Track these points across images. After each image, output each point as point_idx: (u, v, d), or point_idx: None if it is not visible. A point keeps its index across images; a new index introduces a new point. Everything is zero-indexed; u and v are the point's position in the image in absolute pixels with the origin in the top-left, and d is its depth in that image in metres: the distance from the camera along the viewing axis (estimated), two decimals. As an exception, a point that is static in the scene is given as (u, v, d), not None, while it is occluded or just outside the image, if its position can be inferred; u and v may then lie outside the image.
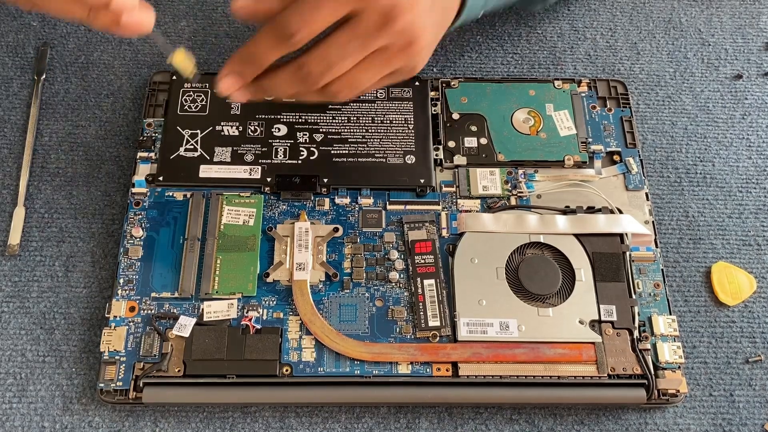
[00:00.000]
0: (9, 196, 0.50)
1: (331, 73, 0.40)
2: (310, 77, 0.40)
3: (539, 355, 0.44)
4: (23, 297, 0.47)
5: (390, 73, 0.42)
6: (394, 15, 0.38)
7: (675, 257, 0.50)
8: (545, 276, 0.46)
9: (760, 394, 0.46)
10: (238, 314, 0.45)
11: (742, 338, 0.48)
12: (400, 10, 0.38)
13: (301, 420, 0.44)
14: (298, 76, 0.40)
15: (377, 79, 0.42)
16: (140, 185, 0.49)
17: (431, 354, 0.44)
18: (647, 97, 0.56)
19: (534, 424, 0.44)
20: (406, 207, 0.49)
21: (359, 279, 0.46)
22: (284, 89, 0.41)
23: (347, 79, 0.41)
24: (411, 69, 0.43)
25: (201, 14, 0.59)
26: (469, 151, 0.51)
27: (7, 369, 0.45)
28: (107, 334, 0.44)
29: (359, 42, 0.39)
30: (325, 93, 0.42)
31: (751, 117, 0.56)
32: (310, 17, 0.38)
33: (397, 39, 0.40)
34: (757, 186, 0.53)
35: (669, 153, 0.54)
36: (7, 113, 0.54)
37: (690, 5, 0.61)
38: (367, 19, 0.38)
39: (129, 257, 0.47)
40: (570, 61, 0.58)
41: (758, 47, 0.59)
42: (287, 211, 0.49)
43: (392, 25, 0.39)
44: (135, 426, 0.44)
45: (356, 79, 0.41)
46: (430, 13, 0.41)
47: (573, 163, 0.51)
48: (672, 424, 0.45)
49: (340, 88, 0.41)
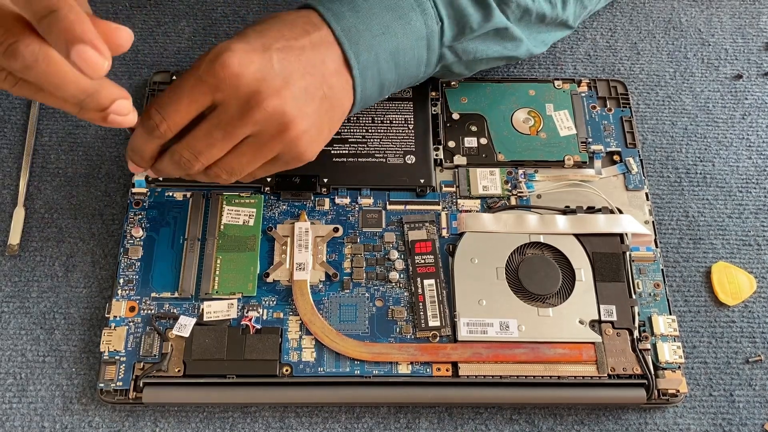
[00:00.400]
0: (9, 196, 0.50)
1: (201, 161, 0.39)
2: (183, 164, 0.40)
3: (539, 355, 0.44)
4: (23, 297, 0.47)
5: (273, 159, 0.41)
6: (256, 102, 0.38)
7: (675, 257, 0.50)
8: (545, 276, 0.46)
9: (760, 394, 0.46)
10: (238, 314, 0.45)
11: (742, 338, 0.48)
12: (262, 97, 0.38)
13: (301, 420, 0.44)
14: (174, 162, 0.40)
15: (256, 166, 0.41)
16: (140, 185, 0.49)
17: (431, 354, 0.44)
18: (647, 97, 0.56)
19: (534, 424, 0.44)
20: (406, 207, 0.49)
21: (359, 279, 0.46)
22: (170, 172, 0.41)
23: (223, 165, 0.40)
24: (296, 156, 0.41)
25: (201, 14, 0.59)
26: (469, 151, 0.51)
27: (7, 369, 0.45)
28: (107, 334, 0.44)
29: (222, 131, 0.38)
30: (208, 175, 0.41)
31: (751, 117, 0.56)
32: (170, 111, 0.38)
33: (264, 126, 0.39)
34: (757, 186, 0.53)
35: (669, 153, 0.54)
36: (7, 113, 0.54)
37: (690, 5, 0.61)
38: (228, 108, 0.38)
39: (129, 257, 0.47)
40: (570, 61, 0.58)
41: (758, 47, 0.59)
42: (287, 211, 0.49)
43: (255, 113, 0.38)
44: (135, 426, 0.44)
45: (232, 165, 0.40)
46: (306, 100, 0.40)
47: (573, 163, 0.51)
48: (672, 424, 0.45)
49: (218, 172, 0.41)
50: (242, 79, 0.37)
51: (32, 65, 0.31)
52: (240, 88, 0.37)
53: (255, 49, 0.38)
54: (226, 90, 0.37)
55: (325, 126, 0.42)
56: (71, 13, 0.29)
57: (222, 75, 0.37)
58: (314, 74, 0.40)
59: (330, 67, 0.41)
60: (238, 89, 0.37)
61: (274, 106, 0.38)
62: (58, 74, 0.32)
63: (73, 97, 0.33)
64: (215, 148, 0.39)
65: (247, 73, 0.37)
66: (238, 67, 0.37)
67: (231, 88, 0.37)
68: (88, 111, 0.34)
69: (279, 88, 0.38)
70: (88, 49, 0.29)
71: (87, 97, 0.33)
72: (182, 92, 0.38)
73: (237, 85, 0.37)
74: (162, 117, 0.38)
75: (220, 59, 0.37)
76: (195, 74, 0.38)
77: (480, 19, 0.45)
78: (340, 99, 0.42)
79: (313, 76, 0.40)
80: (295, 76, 0.39)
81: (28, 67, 0.31)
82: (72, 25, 0.29)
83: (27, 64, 0.31)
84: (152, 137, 0.39)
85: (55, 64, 0.31)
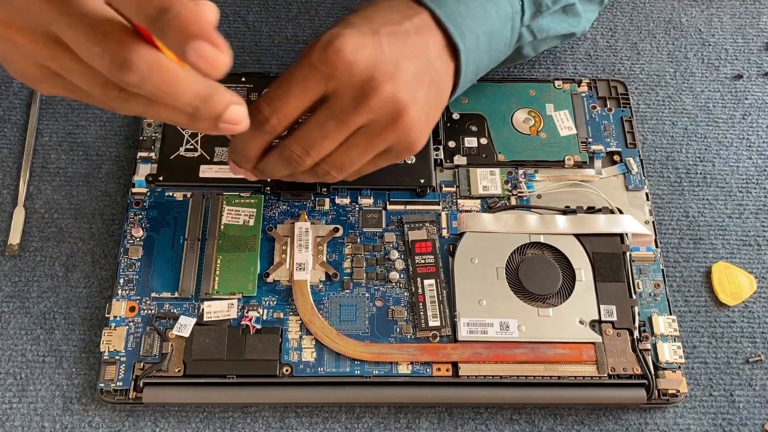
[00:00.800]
0: (9, 196, 0.50)
1: (312, 156, 0.38)
2: (293, 160, 0.38)
3: (539, 355, 0.44)
4: (23, 297, 0.47)
5: (383, 151, 0.40)
6: (371, 88, 0.36)
7: (675, 257, 0.50)
8: (545, 276, 0.46)
9: (760, 394, 0.46)
10: (238, 314, 0.45)
11: (742, 338, 0.48)
12: (377, 83, 0.36)
13: (301, 420, 0.44)
14: (283, 159, 0.39)
15: (367, 159, 0.40)
16: (140, 185, 0.49)
17: (431, 354, 0.44)
18: (647, 97, 0.56)
19: (534, 425, 0.44)
20: (406, 207, 0.49)
21: (359, 279, 0.46)
22: (276, 172, 0.40)
23: (333, 160, 0.39)
24: (407, 146, 0.40)
25: (201, 14, 0.59)
26: (469, 151, 0.51)
27: (7, 369, 0.45)
28: (107, 334, 0.44)
29: (336, 122, 0.37)
30: (316, 174, 0.40)
31: (751, 117, 0.56)
32: (280, 104, 0.37)
33: (379, 114, 0.37)
34: (757, 186, 0.53)
35: (669, 153, 0.54)
36: (7, 113, 0.54)
37: (690, 5, 0.61)
38: (342, 96, 0.37)
39: (129, 257, 0.47)
40: (570, 61, 0.58)
41: (758, 47, 0.59)
42: (287, 211, 0.49)
43: (370, 100, 0.37)
44: (135, 426, 0.44)
45: (342, 160, 0.39)
46: (416, 85, 0.38)
47: (573, 163, 0.51)
48: (672, 424, 0.45)
49: (327, 168, 0.40)
50: (356, 66, 0.36)
51: (147, 76, 0.29)
52: (354, 75, 0.36)
53: (365, 33, 0.37)
54: (340, 77, 0.36)
55: (433, 112, 0.41)
56: (184, 9, 0.27)
57: (335, 62, 0.36)
58: (421, 58, 0.39)
59: (434, 51, 0.40)
60: (352, 76, 0.36)
61: (388, 92, 0.37)
62: (173, 81, 0.30)
63: (188, 105, 0.31)
64: (328, 141, 0.38)
65: (360, 58, 0.36)
66: (352, 53, 0.36)
67: (345, 75, 0.36)
68: (201, 120, 0.32)
69: (391, 74, 0.37)
70: (205, 45, 0.27)
71: (201, 103, 0.31)
72: (293, 82, 0.36)
73: (351, 72, 0.36)
74: (272, 110, 0.37)
75: (333, 45, 0.36)
76: (306, 62, 0.36)
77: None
78: (445, 83, 0.42)
79: (420, 61, 0.39)
80: (404, 61, 0.38)
81: (143, 78, 0.29)
82: (187, 22, 0.27)
83: (143, 76, 0.29)
84: (260, 133, 0.38)
85: (169, 71, 0.29)
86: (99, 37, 0.29)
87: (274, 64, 0.57)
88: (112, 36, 0.29)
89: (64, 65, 0.31)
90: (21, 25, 0.30)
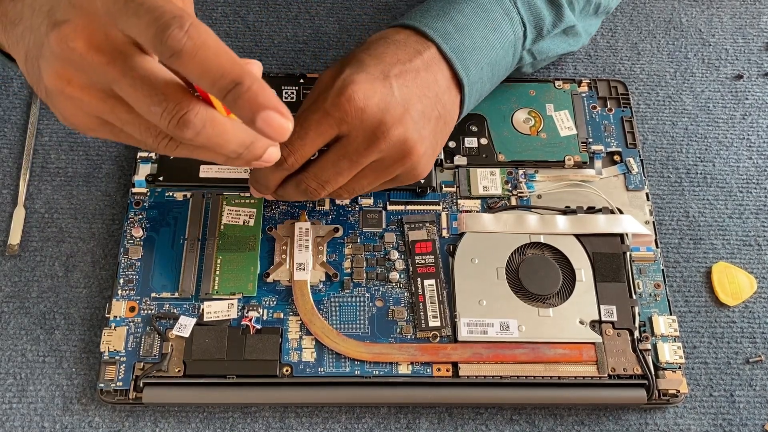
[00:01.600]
0: (9, 196, 0.50)
1: (327, 189, 0.41)
2: (309, 192, 0.42)
3: (539, 356, 0.44)
4: (23, 297, 0.47)
5: (392, 179, 0.43)
6: (382, 132, 0.39)
7: (675, 257, 0.50)
8: (545, 276, 0.46)
9: (761, 395, 0.46)
10: (238, 314, 0.45)
11: (742, 338, 0.48)
12: (386, 127, 0.39)
13: (301, 420, 0.44)
14: (300, 191, 0.42)
15: (376, 185, 0.43)
16: (140, 185, 0.49)
17: (431, 354, 0.44)
18: (648, 97, 0.56)
19: (534, 425, 0.44)
20: (406, 207, 0.49)
21: (359, 279, 0.46)
22: (294, 198, 0.44)
23: (345, 188, 0.42)
24: (414, 176, 0.43)
25: (201, 14, 0.59)
26: (470, 151, 0.51)
27: (7, 369, 0.45)
28: (107, 334, 0.44)
29: (348, 162, 0.40)
30: (332, 195, 0.43)
31: (751, 117, 0.56)
32: (297, 145, 0.39)
33: (389, 153, 0.40)
34: (757, 186, 0.53)
35: (669, 153, 0.54)
36: (7, 113, 0.54)
37: (690, 5, 0.61)
38: (354, 140, 0.39)
39: (129, 257, 0.47)
40: (570, 61, 0.58)
41: (759, 47, 0.59)
42: (287, 211, 0.49)
43: (381, 143, 0.39)
44: (135, 426, 0.44)
45: (353, 187, 0.42)
46: (423, 123, 0.41)
47: (573, 163, 0.51)
48: (672, 424, 0.45)
49: (340, 193, 0.43)
50: (367, 112, 0.39)
51: (201, 131, 0.31)
52: (365, 121, 0.39)
53: (376, 78, 0.40)
54: (352, 123, 0.39)
55: (439, 143, 0.44)
56: (254, 83, 0.29)
57: (348, 109, 0.38)
58: (429, 96, 0.42)
59: (442, 85, 0.43)
60: (363, 122, 0.39)
61: (397, 135, 0.40)
62: (222, 134, 0.32)
63: (233, 152, 0.33)
64: (341, 177, 0.41)
65: (371, 104, 0.39)
66: (363, 100, 0.39)
67: (357, 120, 0.39)
68: (240, 161, 0.34)
69: (401, 116, 0.40)
70: (274, 115, 0.29)
71: (245, 150, 0.33)
72: (309, 126, 0.39)
73: (362, 118, 0.39)
74: (290, 151, 0.39)
75: (346, 93, 0.38)
76: (321, 108, 0.39)
77: (553, 19, 0.47)
78: (451, 115, 0.44)
79: (428, 98, 0.42)
80: (413, 101, 0.41)
81: (198, 133, 0.31)
82: (256, 95, 0.29)
83: (197, 131, 0.31)
84: (279, 170, 0.41)
85: (220, 125, 0.32)
86: (159, 97, 0.30)
87: (274, 64, 0.57)
88: (172, 96, 0.30)
89: (120, 118, 0.33)
90: (82, 82, 0.32)
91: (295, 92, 0.53)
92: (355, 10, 0.60)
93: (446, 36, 0.43)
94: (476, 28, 0.44)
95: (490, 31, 0.44)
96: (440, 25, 0.43)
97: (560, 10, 0.47)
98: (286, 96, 0.53)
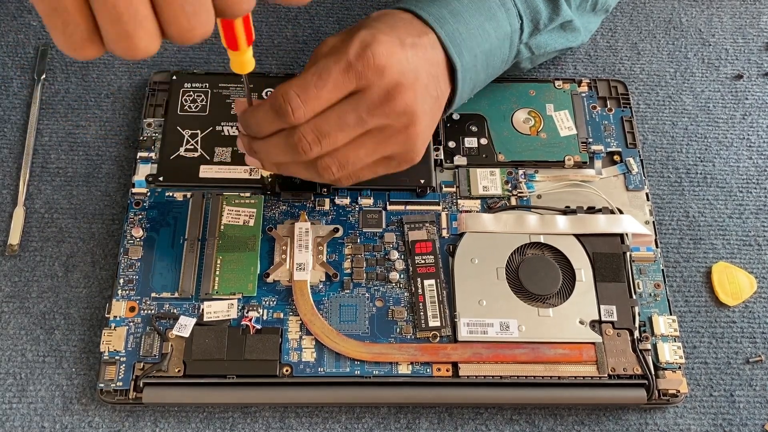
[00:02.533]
0: (9, 196, 0.50)
1: (322, 145, 0.39)
2: (300, 145, 0.38)
3: (539, 356, 0.44)
4: (23, 297, 0.47)
5: (384, 158, 0.41)
6: (397, 92, 0.38)
7: (675, 257, 0.50)
8: (545, 276, 0.46)
9: (761, 395, 0.46)
10: (238, 314, 0.45)
11: (742, 338, 0.48)
12: (402, 90, 0.38)
13: (301, 420, 0.44)
14: (289, 144, 0.39)
15: (370, 160, 0.41)
16: (140, 185, 0.49)
17: (431, 354, 0.44)
18: (647, 97, 0.56)
19: (534, 425, 0.44)
20: (406, 207, 0.49)
21: (359, 279, 0.46)
22: (273, 155, 0.40)
23: (338, 155, 0.40)
24: (407, 157, 0.42)
25: (201, 14, 0.59)
26: (470, 151, 0.51)
27: (7, 369, 0.45)
28: (107, 334, 0.44)
29: (356, 117, 0.38)
30: (315, 167, 0.40)
31: (751, 117, 0.56)
32: (315, 95, 0.37)
33: (395, 119, 0.39)
34: (757, 186, 0.53)
35: (669, 153, 0.54)
36: (7, 113, 0.54)
37: (690, 5, 0.61)
38: (369, 95, 0.38)
39: (129, 257, 0.47)
40: (570, 61, 0.58)
41: (759, 47, 0.59)
42: (287, 211, 0.49)
43: (393, 104, 0.38)
44: (135, 426, 0.44)
45: (347, 156, 0.40)
46: (427, 98, 0.41)
47: (573, 163, 0.51)
48: (672, 424, 0.45)
49: (329, 163, 0.40)
50: (388, 70, 0.38)
51: None
52: (384, 78, 0.38)
53: (393, 42, 0.39)
54: (372, 78, 0.38)
55: (433, 126, 0.43)
56: None
57: (371, 63, 0.37)
58: (432, 74, 0.41)
59: (440, 68, 0.42)
60: (382, 79, 0.38)
61: (408, 101, 0.39)
62: None
63: None
64: (343, 133, 0.39)
65: (391, 64, 0.38)
66: (386, 58, 0.38)
67: (376, 77, 0.38)
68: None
69: (413, 83, 0.39)
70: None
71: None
72: (329, 77, 0.37)
73: (382, 75, 0.38)
74: (301, 101, 0.37)
75: (371, 48, 0.38)
76: (344, 60, 0.38)
77: (550, 13, 0.47)
78: (443, 101, 0.44)
79: (431, 76, 0.41)
80: (422, 74, 0.40)
81: None
82: None
83: None
84: (279, 121, 0.38)
85: None
86: None
87: (274, 64, 0.57)
88: None
89: None
90: None
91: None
92: (355, 10, 0.60)
93: (441, 21, 0.43)
94: (472, 16, 0.44)
95: (485, 19, 0.44)
96: (435, 10, 0.43)
97: (557, 4, 0.47)
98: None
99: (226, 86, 0.53)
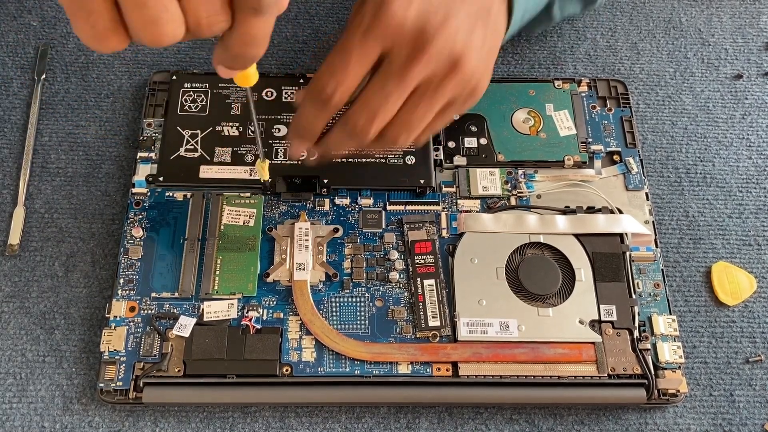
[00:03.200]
0: (9, 196, 0.50)
1: (377, 121, 0.38)
2: (357, 130, 0.38)
3: (539, 355, 0.44)
4: (23, 297, 0.47)
5: (448, 104, 0.40)
6: (424, 41, 0.37)
7: (675, 257, 0.50)
8: (545, 276, 0.46)
9: (761, 394, 0.46)
10: (238, 314, 0.45)
11: (742, 338, 0.48)
12: (429, 35, 0.37)
13: (301, 420, 0.44)
14: (347, 132, 0.39)
15: (433, 113, 0.39)
16: (140, 185, 0.49)
17: (431, 354, 0.44)
18: (647, 97, 0.56)
19: (534, 424, 0.44)
20: (406, 207, 0.49)
21: (359, 279, 0.46)
22: (341, 146, 0.40)
23: (400, 121, 0.39)
24: (470, 92, 0.40)
25: (201, 14, 0.59)
26: (469, 151, 0.51)
27: (7, 369, 0.45)
28: (107, 334, 0.44)
29: (395, 80, 0.37)
30: (385, 140, 0.40)
31: (751, 117, 0.56)
32: (342, 74, 0.37)
33: (436, 65, 0.37)
34: (757, 186, 0.53)
35: (669, 153, 0.54)
36: (7, 113, 0.54)
37: (690, 5, 0.61)
38: (397, 55, 0.37)
39: (129, 257, 0.47)
40: (570, 60, 0.58)
41: (758, 47, 0.59)
42: (287, 211, 0.49)
43: (425, 52, 0.37)
44: (135, 426, 0.44)
45: (410, 119, 0.39)
46: (470, 28, 0.38)
47: (573, 163, 0.51)
48: (672, 424, 0.45)
49: (396, 132, 0.39)
50: (406, 23, 0.36)
51: None
52: (406, 31, 0.37)
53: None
54: (394, 37, 0.37)
55: (491, 53, 0.41)
56: None
57: (388, 22, 0.36)
58: (474, 2, 0.39)
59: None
60: (404, 34, 0.37)
61: (442, 43, 0.37)
62: None
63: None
64: (391, 102, 0.37)
65: (410, 14, 0.36)
66: (402, 11, 0.36)
67: (397, 33, 0.37)
68: None
69: (442, 23, 0.37)
70: None
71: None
72: (351, 50, 0.37)
73: (402, 30, 0.37)
74: (335, 85, 0.37)
75: (383, 7, 0.36)
76: (360, 28, 0.37)
77: None
78: (501, 24, 0.42)
79: (473, 4, 0.39)
80: (456, 5, 0.38)
81: None
82: None
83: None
84: (324, 111, 0.38)
85: None
86: None
87: (274, 64, 0.57)
88: None
89: None
90: None
91: (295, 92, 0.53)
92: (355, 10, 0.60)
93: None
94: None
95: None
96: None
97: None
98: (286, 96, 0.53)
99: (226, 86, 0.53)
